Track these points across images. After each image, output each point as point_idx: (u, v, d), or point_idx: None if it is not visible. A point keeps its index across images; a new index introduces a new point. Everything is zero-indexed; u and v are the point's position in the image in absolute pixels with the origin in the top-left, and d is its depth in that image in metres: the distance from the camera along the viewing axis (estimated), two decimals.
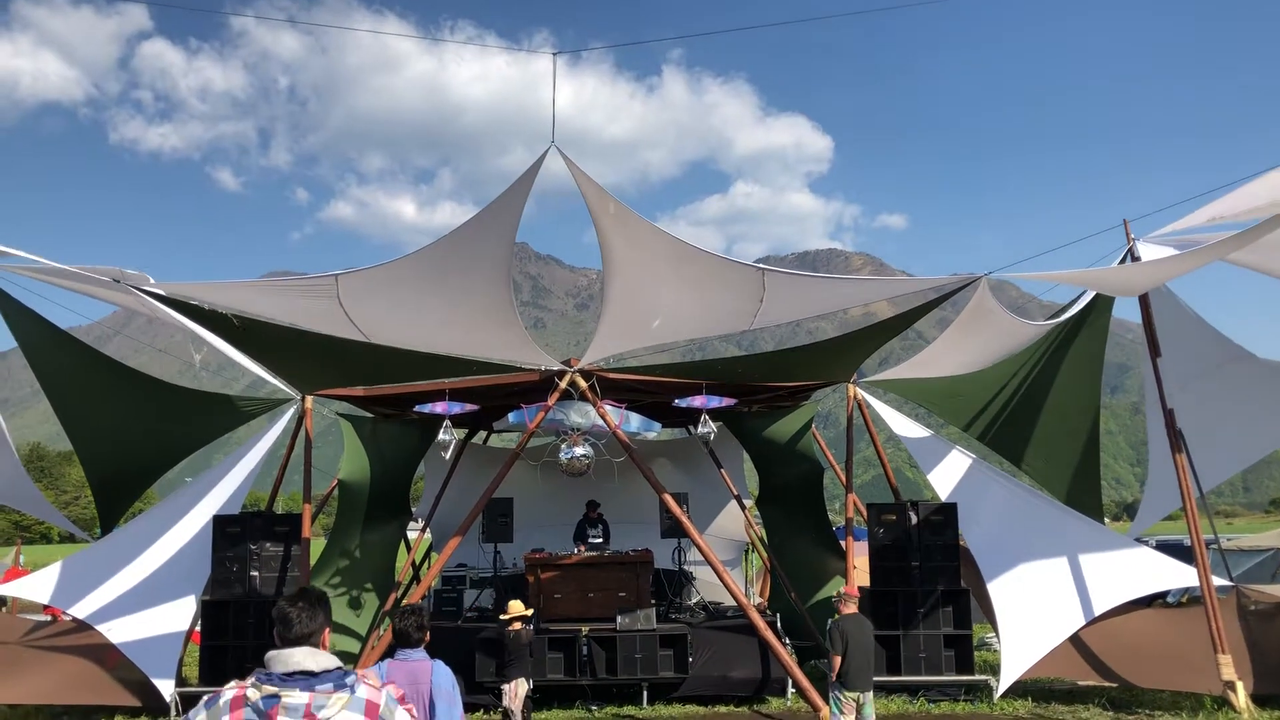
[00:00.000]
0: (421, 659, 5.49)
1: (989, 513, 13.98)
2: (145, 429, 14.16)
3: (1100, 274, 11.94)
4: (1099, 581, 12.86)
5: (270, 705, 3.31)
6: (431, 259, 9.59)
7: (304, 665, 3.40)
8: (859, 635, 9.52)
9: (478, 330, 11.29)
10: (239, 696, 3.34)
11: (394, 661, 5.48)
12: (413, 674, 5.37)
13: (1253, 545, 19.23)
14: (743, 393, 14.31)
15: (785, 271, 10.54)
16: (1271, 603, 12.84)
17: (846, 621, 9.61)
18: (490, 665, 12.88)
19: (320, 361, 12.20)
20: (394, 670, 5.40)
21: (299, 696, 3.34)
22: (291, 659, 3.41)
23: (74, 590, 13.21)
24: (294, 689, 3.34)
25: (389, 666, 5.43)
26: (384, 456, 15.73)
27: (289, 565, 13.40)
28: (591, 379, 12.98)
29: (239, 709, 3.32)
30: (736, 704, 12.90)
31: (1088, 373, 14.39)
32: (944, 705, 12.69)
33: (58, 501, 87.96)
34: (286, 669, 3.38)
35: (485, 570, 16.76)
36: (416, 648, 5.57)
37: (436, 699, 5.28)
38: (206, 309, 10.20)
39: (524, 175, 8.53)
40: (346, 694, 3.41)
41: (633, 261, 10.20)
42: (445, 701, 5.29)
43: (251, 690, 3.33)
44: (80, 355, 13.13)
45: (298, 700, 3.33)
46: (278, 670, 3.39)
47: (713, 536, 18.35)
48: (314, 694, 3.35)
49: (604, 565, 14.49)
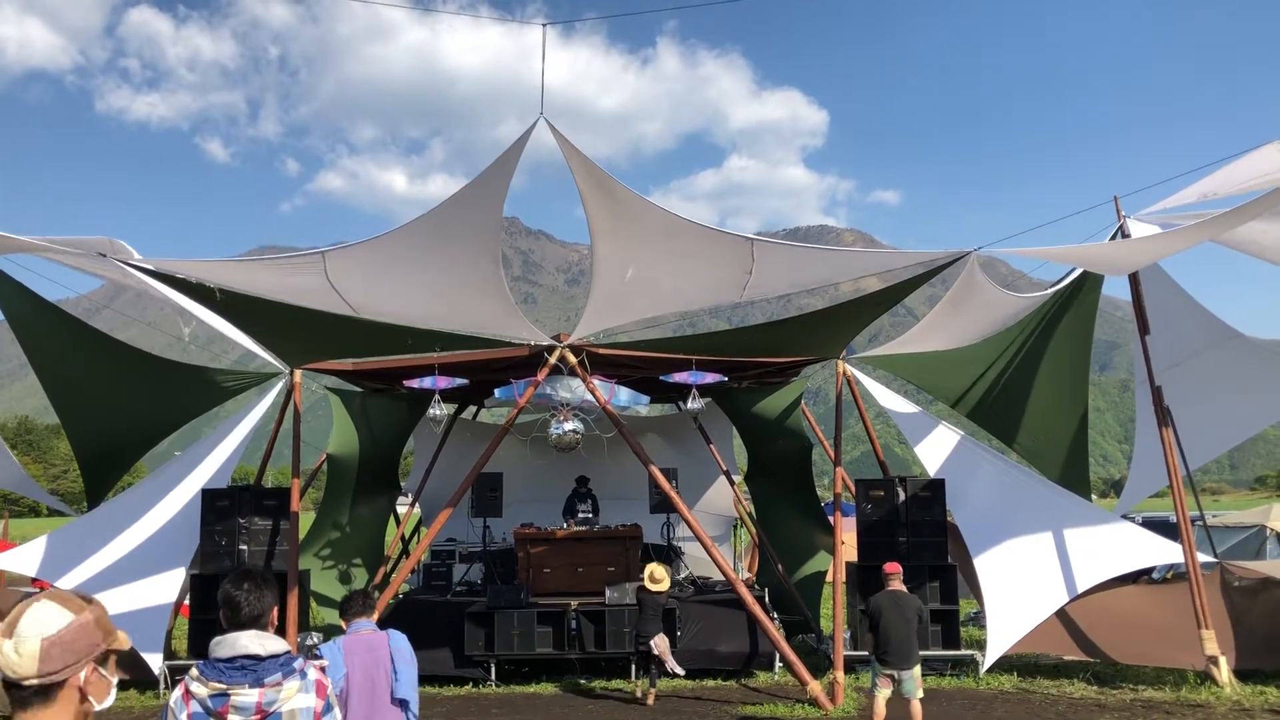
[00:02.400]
0: (372, 630, 5.74)
1: (977, 489, 14.03)
2: (133, 403, 14.10)
3: (1089, 251, 11.94)
4: (1085, 558, 12.92)
5: (220, 704, 3.26)
6: (419, 233, 9.53)
7: (249, 649, 3.34)
8: (891, 612, 9.43)
9: (467, 304, 11.24)
10: (185, 693, 3.31)
11: (349, 636, 5.74)
12: (370, 644, 5.62)
13: (1237, 522, 19.36)
14: (732, 368, 14.30)
15: (774, 241, 10.51)
16: (1255, 579, 12.94)
17: (880, 598, 9.60)
18: (479, 638, 12.92)
19: (308, 334, 12.15)
20: (352, 643, 5.62)
21: (248, 694, 3.28)
22: (238, 643, 3.35)
23: (61, 563, 13.18)
24: (242, 685, 3.28)
25: (345, 642, 5.65)
26: (373, 431, 15.72)
27: (278, 539, 13.39)
28: (581, 354, 12.95)
29: (189, 703, 3.30)
30: (724, 678, 12.96)
31: (1077, 350, 14.41)
32: (930, 680, 12.76)
33: (46, 475, 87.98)
34: (233, 653, 3.33)
35: (475, 545, 16.80)
36: (360, 617, 5.82)
37: (398, 661, 5.56)
38: (194, 282, 10.13)
39: (511, 147, 8.47)
40: (297, 679, 3.38)
41: (621, 235, 10.15)
42: (406, 663, 5.58)
43: (196, 685, 3.28)
44: (68, 328, 13.06)
45: (247, 699, 3.28)
46: (223, 655, 3.33)
47: (701, 512, 18.41)
48: (263, 689, 3.30)
49: (593, 540, 14.53)
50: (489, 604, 13.14)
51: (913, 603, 9.70)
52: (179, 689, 3.34)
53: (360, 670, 5.45)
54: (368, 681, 5.45)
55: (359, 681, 5.43)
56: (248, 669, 3.31)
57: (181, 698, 3.31)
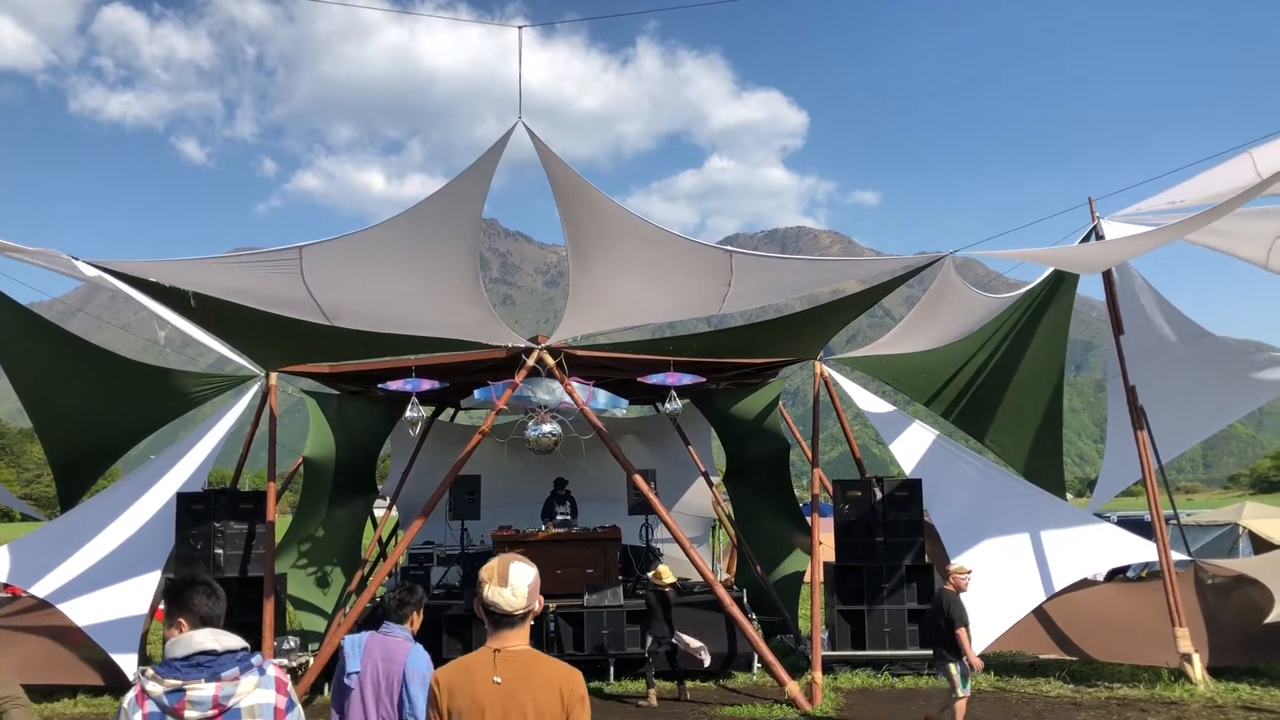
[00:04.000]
0: (403, 638, 5.48)
1: (954, 489, 14.11)
2: (107, 407, 13.99)
3: (1062, 252, 12.05)
4: (1061, 556, 13.02)
5: (176, 700, 3.22)
6: (396, 233, 9.49)
7: (205, 645, 3.30)
8: (928, 613, 9.54)
9: (444, 307, 11.20)
10: (139, 693, 3.25)
11: (375, 634, 5.50)
12: (388, 649, 5.38)
13: (1211, 521, 19.57)
14: (710, 370, 14.32)
15: (753, 254, 10.52)
16: (1228, 577, 13.06)
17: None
18: (457, 642, 12.89)
19: (283, 338, 12.08)
20: (372, 642, 5.42)
21: (204, 688, 3.24)
22: (193, 641, 3.31)
23: (33, 568, 13.05)
24: (198, 680, 3.25)
25: (369, 637, 5.45)
26: (350, 434, 15.63)
27: (254, 543, 13.31)
28: (559, 356, 12.94)
29: (143, 704, 3.23)
30: (703, 679, 12.96)
31: (1051, 350, 14.54)
32: (908, 679, 12.83)
33: (19, 480, 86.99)
34: (189, 651, 3.28)
35: (452, 548, 16.74)
36: (399, 624, 5.56)
37: (410, 682, 5.27)
38: (166, 286, 10.04)
39: (488, 153, 8.44)
40: (255, 675, 3.34)
41: (598, 243, 10.14)
42: (418, 685, 5.27)
43: (151, 684, 3.23)
44: (41, 331, 12.93)
45: (203, 693, 3.24)
46: (179, 654, 3.28)
47: (680, 513, 18.41)
48: (220, 683, 3.27)
49: (572, 542, 14.50)
50: (467, 607, 13.10)
51: (938, 601, 9.85)
52: (133, 689, 3.27)
53: (371, 671, 5.30)
54: (375, 685, 5.28)
55: (365, 684, 5.28)
56: (203, 665, 3.27)
57: (135, 698, 3.24)
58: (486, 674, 3.28)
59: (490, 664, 3.30)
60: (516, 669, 3.29)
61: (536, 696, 3.28)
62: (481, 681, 3.28)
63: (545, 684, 3.31)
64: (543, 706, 3.27)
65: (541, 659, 3.40)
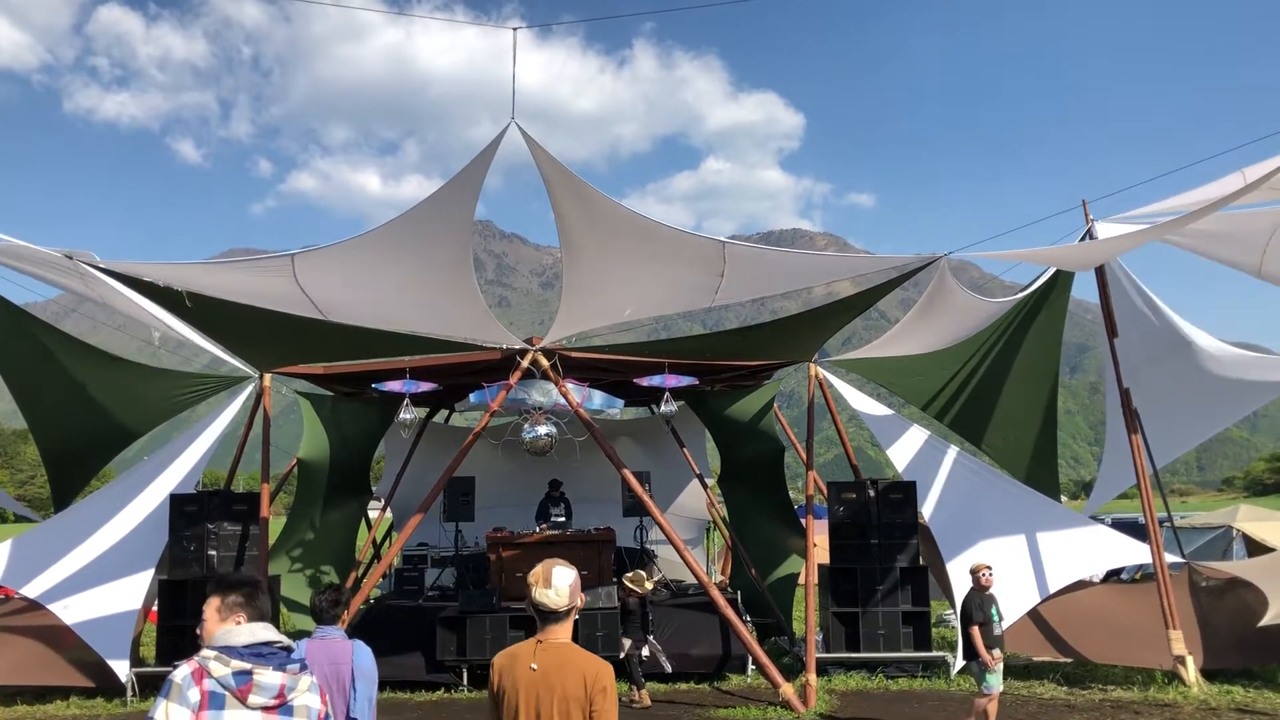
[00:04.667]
0: (340, 638, 5.50)
1: (949, 491, 14.11)
2: (101, 406, 13.95)
3: (1053, 251, 12.07)
4: (1055, 559, 13.04)
5: (243, 682, 3.27)
6: (390, 236, 9.48)
7: (265, 637, 3.39)
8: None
9: (438, 308, 11.18)
10: (197, 670, 3.26)
11: (313, 641, 5.46)
12: (333, 654, 5.39)
13: (1205, 523, 19.57)
14: (705, 372, 14.32)
15: (746, 245, 10.52)
16: (1222, 579, 13.08)
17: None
18: (451, 643, 12.87)
19: (277, 338, 12.06)
20: (314, 650, 5.36)
21: (273, 676, 3.32)
22: (255, 631, 3.39)
23: (26, 569, 13.01)
24: (266, 667, 3.32)
25: (308, 646, 5.39)
26: (344, 435, 15.61)
27: (247, 544, 13.29)
28: (554, 358, 12.92)
29: (200, 681, 3.25)
30: (697, 681, 12.96)
31: (1046, 352, 14.55)
32: (902, 681, 12.83)
33: (12, 481, 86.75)
34: (251, 639, 3.35)
35: (447, 549, 16.72)
36: (332, 624, 5.58)
37: (359, 680, 5.32)
38: (161, 285, 10.01)
39: (481, 154, 8.43)
40: (309, 677, 3.45)
41: (591, 239, 10.13)
42: (366, 681, 5.34)
43: (215, 665, 3.26)
44: (35, 331, 12.89)
45: (272, 680, 3.32)
46: (240, 642, 3.34)
47: (675, 515, 18.40)
48: (286, 674, 3.35)
49: (566, 544, 14.47)
50: (461, 609, 13.08)
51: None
52: (187, 667, 3.27)
53: (320, 678, 5.31)
54: (328, 691, 5.30)
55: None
56: (266, 655, 3.35)
57: (191, 675, 3.24)
58: (527, 661, 3.80)
59: (531, 653, 3.83)
60: (552, 659, 3.81)
61: (565, 684, 3.75)
62: (522, 667, 3.81)
63: (574, 673, 3.79)
64: (569, 693, 3.74)
65: (577, 651, 3.90)
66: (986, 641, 9.48)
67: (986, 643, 9.48)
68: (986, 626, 9.55)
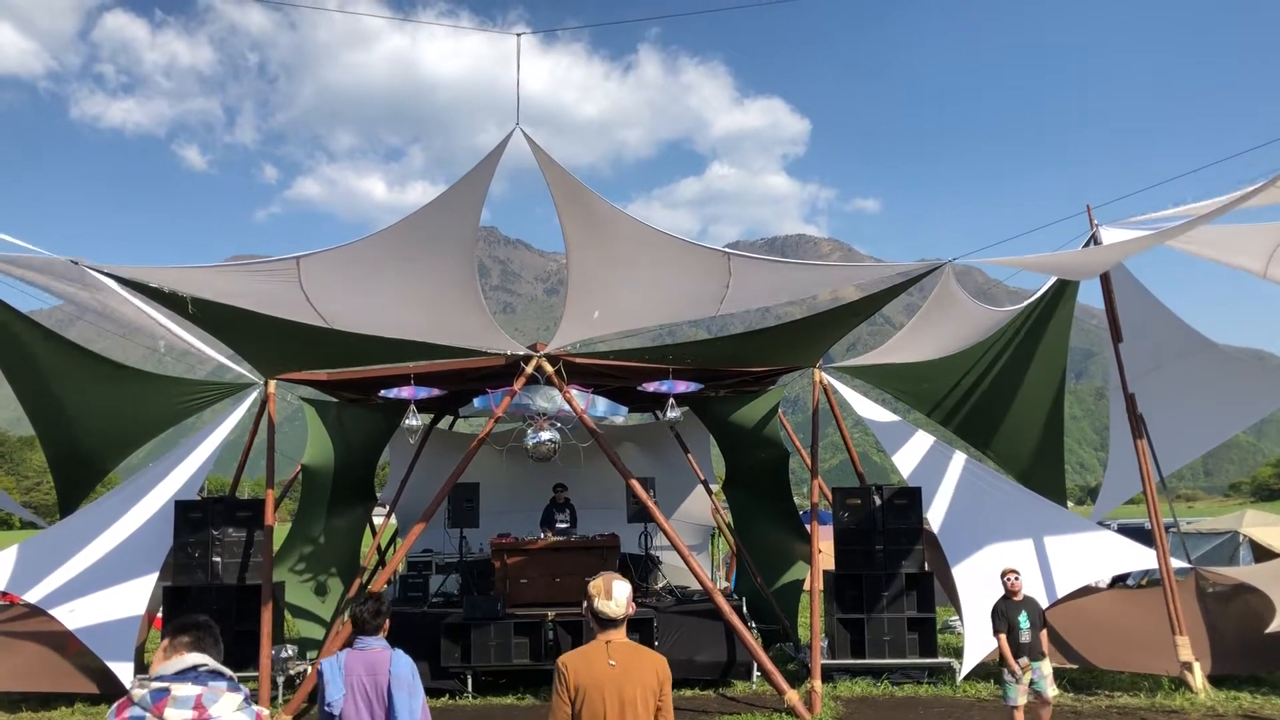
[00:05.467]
0: (380, 648, 5.37)
1: (955, 497, 14.08)
2: (105, 413, 13.97)
3: (1058, 258, 12.03)
4: (1061, 564, 12.99)
5: (159, 698, 3.26)
6: (394, 240, 9.48)
7: (195, 661, 3.37)
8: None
9: (442, 314, 11.18)
10: (123, 701, 3.31)
11: (352, 651, 5.36)
12: (371, 664, 5.27)
13: (1211, 528, 19.52)
14: (709, 377, 14.30)
15: (751, 256, 10.50)
16: (1229, 585, 13.03)
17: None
18: (456, 649, 12.86)
19: (281, 344, 12.07)
20: (352, 660, 5.28)
21: (190, 689, 3.28)
22: (185, 659, 3.38)
23: (30, 575, 13.01)
24: (186, 682, 3.30)
25: (347, 656, 5.31)
26: (349, 441, 15.60)
27: (252, 551, 13.29)
28: (558, 363, 12.92)
29: (123, 710, 3.28)
30: (702, 688, 12.93)
31: (1052, 358, 14.52)
32: (908, 688, 12.79)
33: (19, 488, 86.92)
34: (180, 667, 3.35)
35: (451, 555, 16.70)
36: (374, 635, 5.46)
37: (395, 689, 5.18)
38: (166, 291, 10.03)
39: (486, 159, 8.44)
40: (240, 696, 3.38)
41: (597, 248, 10.13)
42: (405, 691, 5.19)
43: (136, 689, 3.28)
44: (41, 338, 12.90)
45: (188, 692, 3.28)
46: (171, 670, 3.35)
47: (679, 521, 18.36)
48: (205, 688, 3.30)
49: (571, 550, 14.46)
50: (466, 615, 13.06)
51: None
52: (116, 703, 3.35)
53: (358, 691, 5.17)
54: (365, 704, 5.16)
55: (354, 704, 5.15)
56: (191, 675, 3.33)
57: (116, 707, 3.31)
58: (602, 659, 4.33)
59: (604, 652, 4.36)
60: (625, 655, 4.39)
61: (642, 676, 4.37)
62: (599, 665, 4.33)
63: (649, 666, 4.43)
64: (647, 684, 4.35)
65: (641, 648, 4.53)
66: (1012, 649, 9.26)
67: (1013, 651, 9.25)
68: (1012, 634, 9.29)
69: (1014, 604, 9.44)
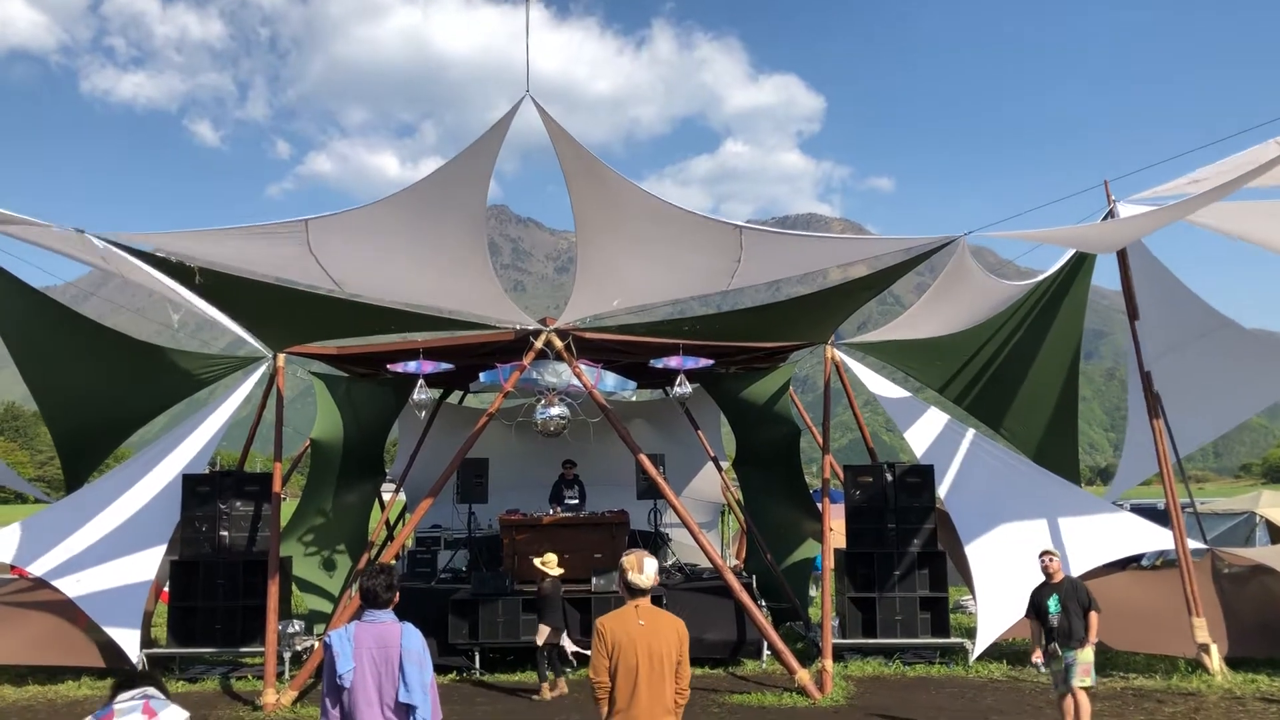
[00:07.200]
0: (390, 621, 5.29)
1: (967, 475, 13.94)
2: (115, 388, 13.91)
3: (1075, 231, 11.80)
4: (1076, 544, 12.83)
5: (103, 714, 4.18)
6: (404, 205, 9.35)
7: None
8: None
9: (452, 281, 11.04)
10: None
11: (361, 624, 5.27)
12: (381, 637, 5.19)
13: (1227, 509, 19.34)
14: (720, 354, 14.16)
15: (762, 229, 10.33)
16: (1246, 566, 12.87)
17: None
18: (464, 626, 12.80)
19: (289, 315, 11.95)
20: (361, 633, 5.20)
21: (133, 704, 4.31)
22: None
23: (38, 549, 12.99)
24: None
25: (356, 629, 5.23)
26: (358, 416, 15.52)
27: (259, 525, 13.24)
28: (567, 338, 12.79)
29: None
30: (711, 666, 12.85)
31: (1066, 337, 14.31)
32: (919, 668, 12.69)
33: (33, 461, 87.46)
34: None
35: (460, 531, 16.65)
36: (384, 609, 5.36)
37: (406, 663, 5.11)
38: (174, 261, 9.91)
39: (494, 126, 8.27)
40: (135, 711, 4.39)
41: (607, 221, 9.97)
42: (415, 665, 5.13)
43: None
44: (46, 312, 12.81)
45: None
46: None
47: (689, 498, 18.28)
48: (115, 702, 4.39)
49: (580, 526, 14.37)
50: (474, 591, 13.00)
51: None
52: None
53: (368, 664, 5.09)
54: (374, 678, 5.08)
55: (364, 677, 5.08)
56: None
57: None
58: (634, 620, 5.23)
59: (635, 615, 5.26)
60: (653, 617, 5.31)
61: (666, 634, 5.26)
62: (631, 624, 5.22)
63: (671, 626, 5.32)
64: (670, 641, 5.24)
65: (663, 612, 5.43)
66: (1045, 634, 8.93)
67: (1045, 635, 8.93)
68: (1042, 619, 8.98)
69: (1047, 588, 9.09)
